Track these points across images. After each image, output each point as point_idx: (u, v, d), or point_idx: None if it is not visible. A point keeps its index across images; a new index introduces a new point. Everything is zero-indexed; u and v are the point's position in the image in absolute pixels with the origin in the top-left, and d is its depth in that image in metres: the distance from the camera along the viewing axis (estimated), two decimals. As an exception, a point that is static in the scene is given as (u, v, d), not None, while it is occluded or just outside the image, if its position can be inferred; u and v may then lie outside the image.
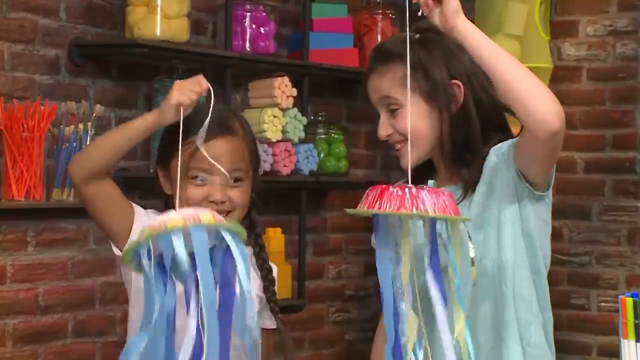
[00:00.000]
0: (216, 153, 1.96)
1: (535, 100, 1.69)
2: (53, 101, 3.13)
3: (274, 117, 3.50)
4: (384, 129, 1.93)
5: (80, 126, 3.12)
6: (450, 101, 1.91)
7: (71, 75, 3.28)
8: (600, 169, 4.18)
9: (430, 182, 1.94)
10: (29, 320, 3.14)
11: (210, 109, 1.85)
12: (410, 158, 1.85)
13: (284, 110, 3.56)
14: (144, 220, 1.98)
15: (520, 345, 1.90)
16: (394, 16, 4.17)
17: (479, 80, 1.91)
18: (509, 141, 1.89)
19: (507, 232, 1.89)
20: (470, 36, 1.72)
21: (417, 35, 1.94)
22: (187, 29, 3.35)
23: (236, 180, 2.03)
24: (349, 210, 1.56)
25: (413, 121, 1.84)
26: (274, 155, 3.52)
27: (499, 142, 1.90)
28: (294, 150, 3.59)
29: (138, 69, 3.48)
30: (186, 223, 1.44)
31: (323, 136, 3.87)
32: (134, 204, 2.05)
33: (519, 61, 1.75)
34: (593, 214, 4.19)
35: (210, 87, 1.89)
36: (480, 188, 1.89)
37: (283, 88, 3.56)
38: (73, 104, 3.18)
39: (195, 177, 1.98)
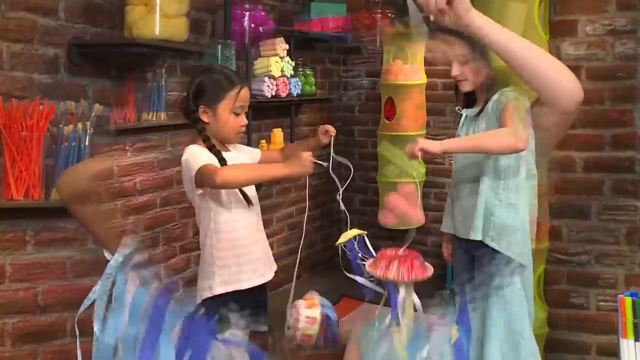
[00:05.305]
0: (247, 98, 2.88)
1: (561, 76, 1.81)
2: (52, 100, 3.13)
3: (276, 62, 4.96)
4: (456, 71, 2.79)
5: (79, 125, 3.12)
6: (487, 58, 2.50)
7: (70, 75, 3.28)
8: (600, 169, 4.18)
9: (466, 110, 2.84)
10: (28, 319, 3.14)
11: None
12: (467, 88, 2.79)
13: (281, 57, 4.98)
14: None
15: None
16: (393, 15, 4.18)
17: None
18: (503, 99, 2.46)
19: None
20: (488, 31, 1.82)
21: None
22: (186, 28, 3.35)
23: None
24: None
25: (471, 69, 2.71)
26: (276, 85, 4.97)
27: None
28: (288, 82, 5.09)
29: (137, 69, 3.48)
30: None
31: (301, 73, 5.38)
32: None
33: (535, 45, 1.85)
34: (592, 213, 4.19)
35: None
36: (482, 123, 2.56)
37: (281, 44, 4.93)
38: (72, 104, 3.18)
39: (237, 114, 2.85)
